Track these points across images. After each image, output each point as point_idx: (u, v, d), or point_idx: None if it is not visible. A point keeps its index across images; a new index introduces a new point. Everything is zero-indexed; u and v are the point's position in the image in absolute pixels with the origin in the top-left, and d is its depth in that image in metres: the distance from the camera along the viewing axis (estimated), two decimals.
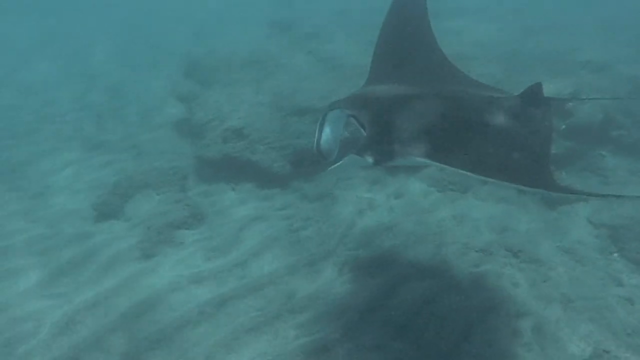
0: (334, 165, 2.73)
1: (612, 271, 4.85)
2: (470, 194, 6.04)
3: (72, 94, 9.78)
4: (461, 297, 4.39)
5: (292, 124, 6.53)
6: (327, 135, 2.92)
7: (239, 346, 4.14)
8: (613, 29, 10.54)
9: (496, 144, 2.78)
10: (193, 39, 12.55)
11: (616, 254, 5.12)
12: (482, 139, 2.79)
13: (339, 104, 2.96)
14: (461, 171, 2.60)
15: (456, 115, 2.89)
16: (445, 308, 4.26)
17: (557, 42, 9.25)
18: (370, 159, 2.64)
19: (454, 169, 2.59)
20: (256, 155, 6.24)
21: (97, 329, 4.39)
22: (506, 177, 2.55)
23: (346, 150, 2.80)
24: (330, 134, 2.94)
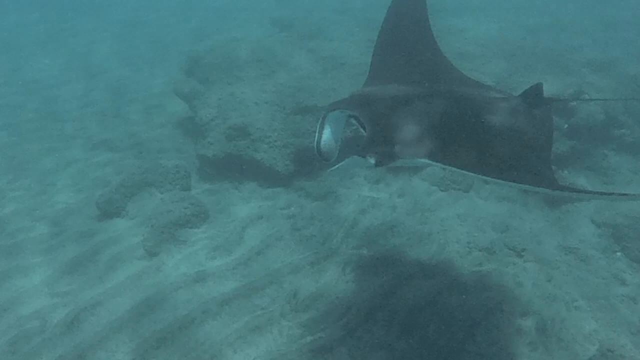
0: (335, 166, 2.72)
1: (616, 270, 4.87)
2: (473, 193, 6.06)
3: (74, 92, 9.75)
4: (465, 296, 4.41)
5: (295, 123, 6.51)
6: (327, 136, 2.89)
7: (244, 345, 4.16)
8: (615, 27, 10.54)
9: (498, 144, 2.77)
10: (194, 36, 12.51)
11: (619, 253, 5.14)
12: (484, 139, 2.79)
13: (338, 104, 2.93)
14: (464, 172, 2.60)
15: (458, 115, 2.88)
16: (449, 307, 4.28)
17: (558, 40, 9.25)
18: (372, 160, 2.62)
19: (456, 170, 2.59)
20: (259, 154, 6.23)
21: (102, 328, 4.41)
22: (508, 177, 2.55)
23: (347, 151, 2.79)
24: (331, 135, 2.91)
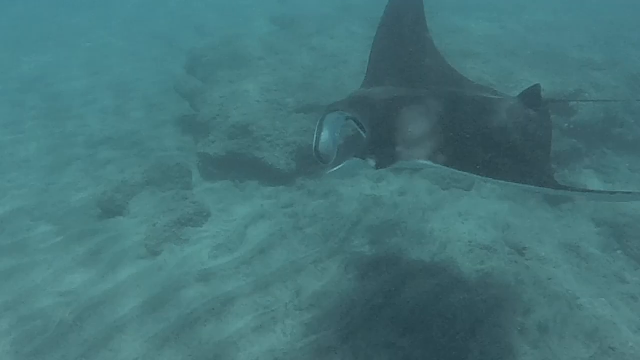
0: (334, 168, 2.71)
1: (616, 268, 4.90)
2: (475, 192, 6.09)
3: (75, 89, 9.71)
4: (467, 295, 4.43)
5: (297, 121, 6.51)
6: (325, 138, 2.89)
7: (247, 344, 4.18)
8: (615, 27, 10.55)
9: (498, 145, 2.78)
10: (195, 34, 12.47)
11: (619, 252, 5.18)
12: (484, 140, 2.79)
13: (337, 105, 2.93)
14: (465, 173, 2.61)
15: (457, 117, 2.88)
16: (452, 305, 4.31)
17: (559, 39, 9.25)
18: (372, 163, 2.62)
19: (457, 172, 2.59)
20: (261, 152, 6.23)
21: (106, 327, 4.42)
22: (510, 178, 2.56)
23: (346, 152, 2.79)
24: (329, 137, 2.91)
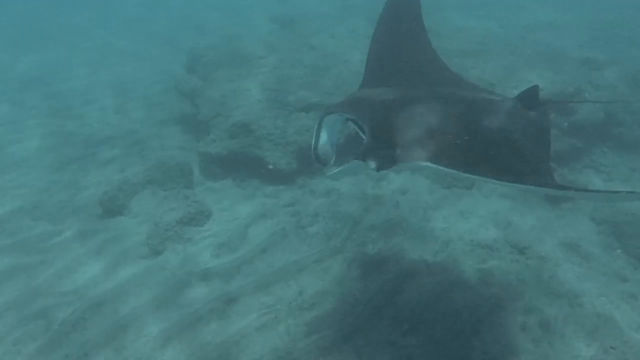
0: (335, 170, 2.70)
1: (616, 267, 4.93)
2: (475, 190, 6.10)
3: (75, 88, 9.70)
4: (469, 293, 4.46)
5: (298, 120, 6.52)
6: (324, 139, 2.88)
7: (250, 343, 4.18)
8: (615, 26, 10.58)
9: (498, 146, 2.78)
10: (195, 33, 12.45)
11: (619, 251, 5.20)
12: (484, 141, 2.79)
13: (336, 107, 2.92)
14: (466, 175, 2.60)
15: (457, 118, 2.87)
16: (453, 304, 4.33)
17: (558, 38, 9.29)
18: (372, 164, 2.60)
19: (459, 173, 2.59)
20: (262, 152, 6.24)
21: (108, 327, 4.42)
22: (512, 179, 2.55)
23: (346, 154, 2.79)
24: (328, 139, 2.90)
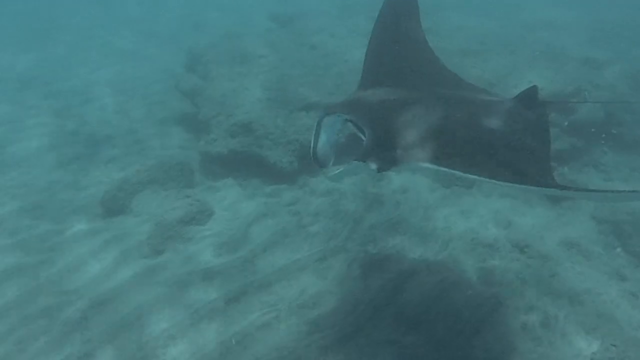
0: (336, 171, 2.71)
1: (617, 266, 4.94)
2: (476, 190, 6.12)
3: (74, 87, 9.69)
4: (470, 292, 4.48)
5: (299, 119, 6.54)
6: (323, 141, 2.88)
7: (253, 342, 4.19)
8: (615, 25, 10.60)
9: (498, 147, 2.79)
10: (194, 32, 12.44)
11: (619, 249, 5.21)
12: (485, 142, 2.80)
13: (335, 108, 2.91)
14: (467, 175, 2.60)
15: (457, 119, 2.88)
16: (455, 303, 4.35)
17: (558, 38, 9.30)
18: (373, 166, 2.60)
19: (459, 173, 2.60)
20: (263, 151, 6.25)
21: (110, 326, 4.42)
22: (512, 180, 2.55)
23: (345, 155, 2.79)
24: (327, 140, 2.90)
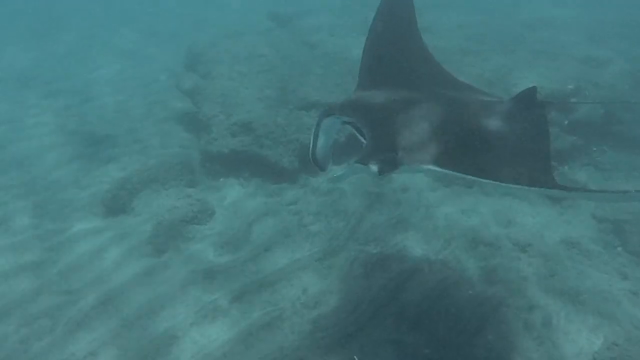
0: (336, 174, 2.72)
1: (617, 265, 4.95)
2: (476, 188, 6.12)
3: (74, 87, 9.68)
4: (472, 291, 4.49)
5: (299, 118, 6.54)
6: (322, 143, 2.88)
7: (255, 342, 4.20)
8: (614, 25, 10.58)
9: (498, 147, 2.79)
10: (194, 31, 12.42)
11: (620, 248, 5.22)
12: (485, 143, 2.81)
13: (333, 109, 2.91)
14: (468, 177, 2.61)
15: (456, 120, 2.88)
16: (457, 302, 4.36)
17: (558, 37, 9.29)
18: (374, 168, 2.60)
19: (460, 175, 2.60)
20: (264, 150, 6.25)
21: (112, 326, 4.43)
22: (513, 180, 2.57)
23: (345, 157, 2.80)
24: (325, 142, 2.90)
